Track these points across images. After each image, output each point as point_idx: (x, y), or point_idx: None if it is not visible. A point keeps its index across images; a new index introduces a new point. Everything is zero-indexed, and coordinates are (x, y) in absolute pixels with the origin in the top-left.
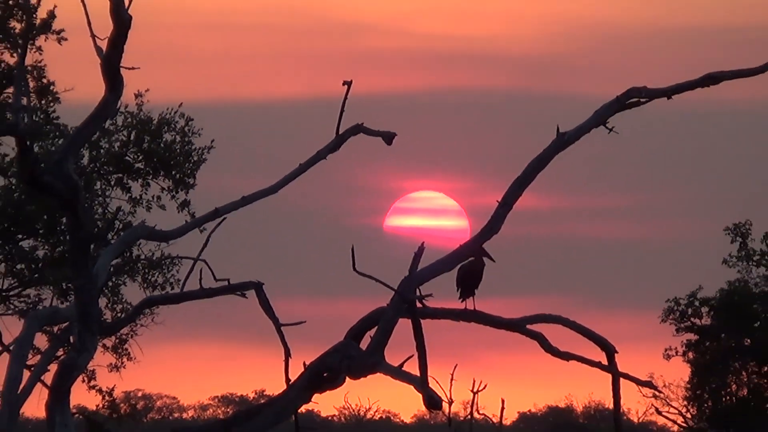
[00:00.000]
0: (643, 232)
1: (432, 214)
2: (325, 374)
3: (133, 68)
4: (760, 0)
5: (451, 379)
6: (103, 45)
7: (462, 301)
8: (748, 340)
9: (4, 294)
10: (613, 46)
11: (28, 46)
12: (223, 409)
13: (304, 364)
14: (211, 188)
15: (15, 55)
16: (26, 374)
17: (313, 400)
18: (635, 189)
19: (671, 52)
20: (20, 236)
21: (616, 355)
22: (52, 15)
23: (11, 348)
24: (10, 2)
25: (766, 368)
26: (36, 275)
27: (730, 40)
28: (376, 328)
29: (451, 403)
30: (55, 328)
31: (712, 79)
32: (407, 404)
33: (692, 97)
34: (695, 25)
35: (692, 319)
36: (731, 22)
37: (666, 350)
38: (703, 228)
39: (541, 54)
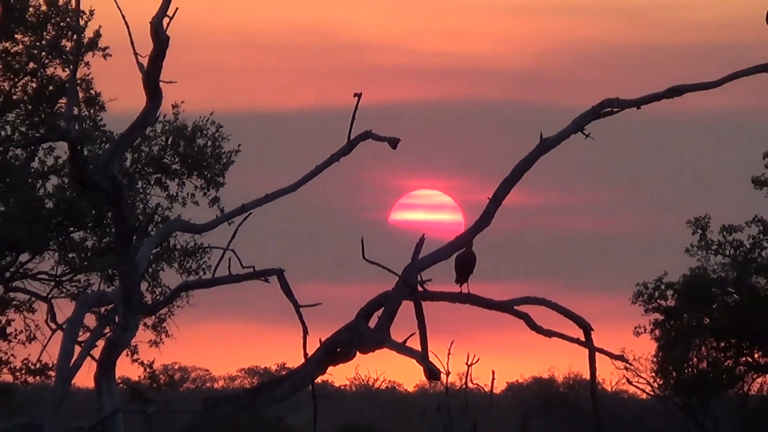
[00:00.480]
0: (616, 225)
1: (431, 209)
2: (338, 349)
3: (170, 82)
4: (715, 22)
5: (449, 354)
6: (144, 61)
7: (458, 285)
8: (707, 320)
9: (57, 279)
10: (590, 63)
11: (78, 62)
12: (249, 379)
13: (320, 340)
14: (238, 186)
15: (67, 69)
16: (77, 350)
17: (327, 372)
18: (610, 188)
19: (641, 68)
20: (72, 229)
21: (592, 332)
22: (97, 34)
23: (64, 326)
24: (62, 24)
25: (723, 344)
26: (85, 263)
27: (692, 57)
28: (382, 309)
29: (448, 374)
30: (102, 309)
31: (675, 92)
32: (410, 375)
33: (659, 107)
34: (661, 43)
35: (659, 300)
36: (692, 41)
37: (636, 328)
38: (669, 221)
39: (526, 69)
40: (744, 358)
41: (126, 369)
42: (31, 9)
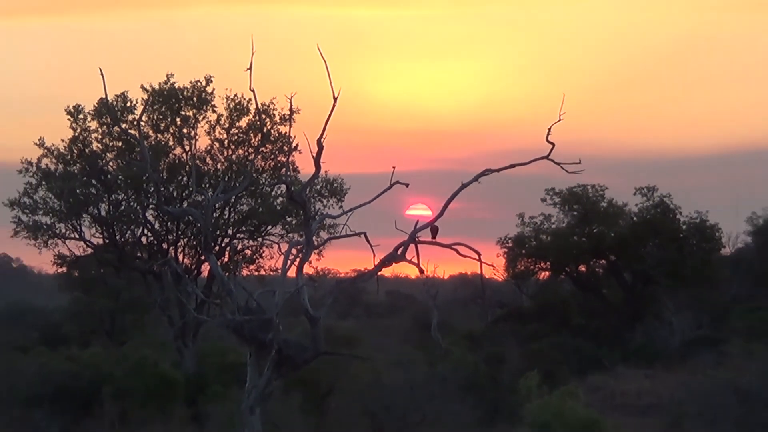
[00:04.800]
0: (491, 215)
1: (420, 210)
2: (386, 262)
3: (323, 162)
4: (528, 137)
5: (427, 264)
6: (314, 152)
7: (431, 238)
8: (524, 251)
9: (281, 235)
10: (493, 157)
11: (290, 155)
12: (353, 273)
13: (380, 258)
14: (349, 201)
15: (285, 158)
16: (288, 262)
17: (382, 270)
18: (489, 202)
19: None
20: (286, 216)
21: (481, 255)
22: (297, 145)
23: (283, 252)
24: (282, 140)
25: (526, 260)
26: (291, 228)
27: (521, 154)
28: (402, 247)
29: (427, 271)
30: (298, 247)
31: (513, 166)
32: (413, 271)
33: (510, 172)
34: (514, 149)
35: (506, 244)
36: (523, 148)
37: (497, 254)
38: (509, 215)
39: (465, 160)
40: (536, 266)
41: (306, 269)
42: (272, 133)
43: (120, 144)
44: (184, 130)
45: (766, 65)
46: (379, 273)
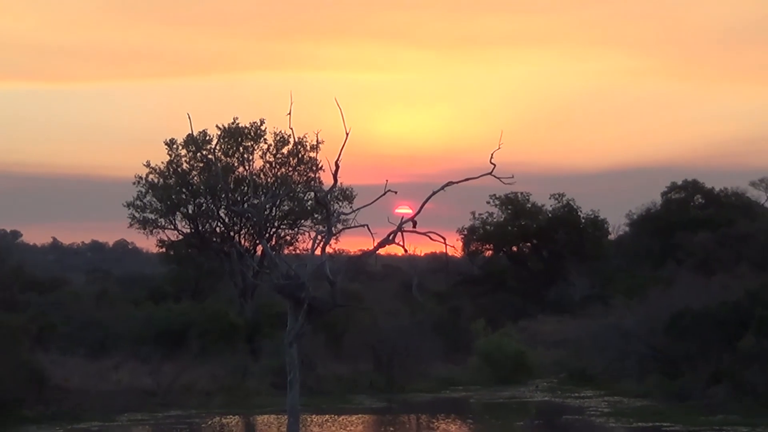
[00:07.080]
0: (453, 213)
1: (403, 208)
2: (382, 244)
3: (338, 176)
4: (480, 154)
5: (408, 246)
6: (332, 168)
7: (412, 228)
8: (474, 237)
9: (311, 226)
10: (459, 172)
11: (316, 172)
12: (360, 252)
13: (378, 242)
14: (356, 203)
15: (313, 174)
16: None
17: (379, 250)
18: (453, 203)
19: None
20: (313, 213)
21: (446, 239)
22: (321, 165)
23: (313, 236)
24: (311, 163)
25: (480, 243)
26: (316, 221)
27: (475, 169)
28: (392, 234)
29: (408, 250)
30: (322, 235)
31: (468, 179)
32: (400, 251)
33: (467, 184)
34: (477, 164)
35: (462, 233)
36: (478, 167)
37: (456, 239)
38: (463, 213)
39: (432, 173)
40: (483, 247)
41: (327, 249)
42: (304, 158)
43: (201, 165)
44: (245, 155)
45: (643, 111)
46: (377, 252)
